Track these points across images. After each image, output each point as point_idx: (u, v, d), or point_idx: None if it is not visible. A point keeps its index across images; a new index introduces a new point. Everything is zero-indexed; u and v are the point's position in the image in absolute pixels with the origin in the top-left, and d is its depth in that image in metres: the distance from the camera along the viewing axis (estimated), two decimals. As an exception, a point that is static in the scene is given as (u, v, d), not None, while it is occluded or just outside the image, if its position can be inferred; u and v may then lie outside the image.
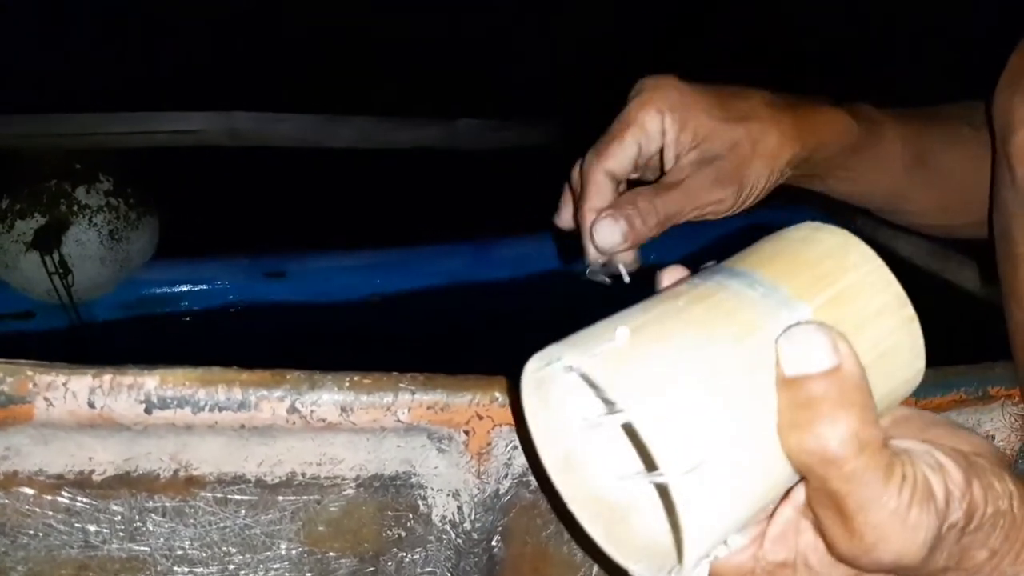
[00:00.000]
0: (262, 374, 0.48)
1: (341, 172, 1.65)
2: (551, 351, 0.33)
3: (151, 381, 0.45)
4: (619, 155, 0.54)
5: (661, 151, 0.56)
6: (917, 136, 0.69)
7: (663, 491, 0.33)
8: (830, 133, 0.60)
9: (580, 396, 0.37)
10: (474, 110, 1.74)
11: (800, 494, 0.35)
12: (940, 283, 1.30)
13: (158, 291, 1.56)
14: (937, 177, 0.70)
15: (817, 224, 0.37)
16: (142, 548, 0.50)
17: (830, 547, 0.34)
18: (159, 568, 0.50)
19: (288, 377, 0.48)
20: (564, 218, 0.61)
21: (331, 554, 0.54)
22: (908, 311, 0.35)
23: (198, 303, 1.59)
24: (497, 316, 1.72)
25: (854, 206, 0.71)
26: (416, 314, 1.68)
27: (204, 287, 1.59)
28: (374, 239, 1.65)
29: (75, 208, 1.43)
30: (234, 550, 0.52)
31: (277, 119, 1.53)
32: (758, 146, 0.55)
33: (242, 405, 0.47)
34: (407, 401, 0.50)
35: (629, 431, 0.33)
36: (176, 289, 1.57)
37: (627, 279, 0.56)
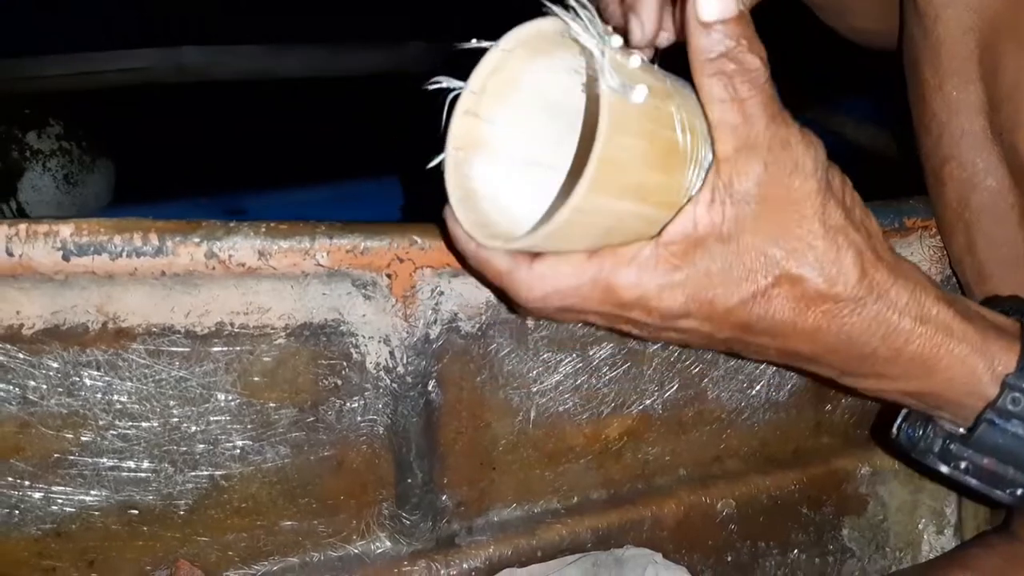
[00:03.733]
0: (177, 223, 0.49)
1: (293, 103, 1.64)
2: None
3: (66, 229, 0.46)
4: None
5: None
6: None
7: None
8: None
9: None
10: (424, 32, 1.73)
11: None
12: (890, 163, 1.32)
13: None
14: None
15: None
16: (81, 403, 0.51)
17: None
18: (100, 423, 0.52)
19: (203, 224, 0.50)
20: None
21: (271, 404, 0.56)
22: None
23: (162, 244, 1.58)
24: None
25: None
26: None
27: (166, 227, 1.58)
28: (332, 170, 1.64)
29: (28, 154, 1.42)
30: (172, 403, 0.54)
31: (225, 51, 1.52)
32: None
33: (159, 251, 0.48)
34: (325, 245, 0.52)
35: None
36: (138, 231, 1.56)
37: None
